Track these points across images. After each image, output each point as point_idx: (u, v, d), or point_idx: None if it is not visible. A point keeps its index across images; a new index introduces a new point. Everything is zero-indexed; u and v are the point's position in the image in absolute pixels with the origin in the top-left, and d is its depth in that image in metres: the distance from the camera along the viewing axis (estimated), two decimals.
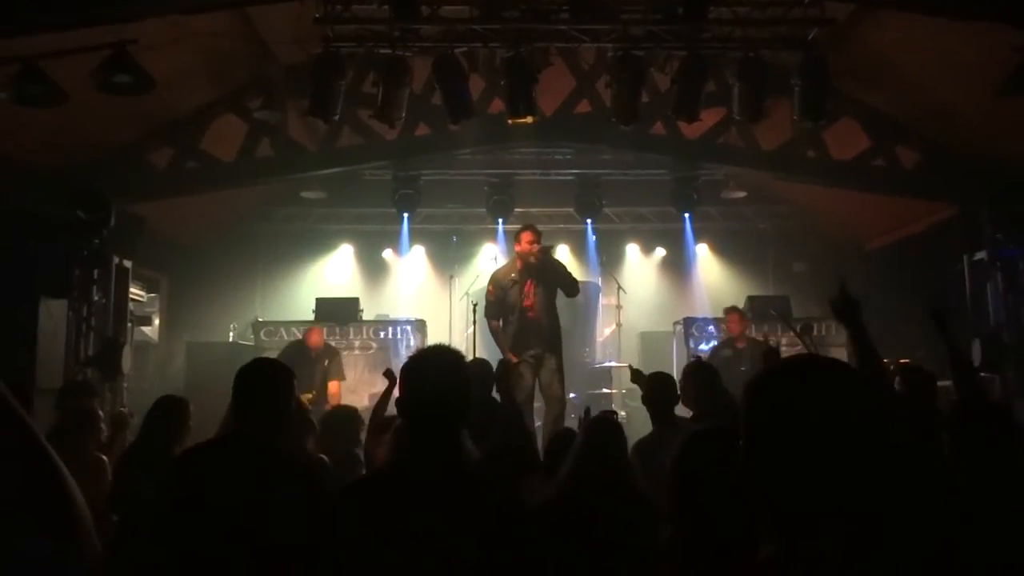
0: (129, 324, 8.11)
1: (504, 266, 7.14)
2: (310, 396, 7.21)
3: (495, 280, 6.69)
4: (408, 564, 1.82)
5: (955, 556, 1.60)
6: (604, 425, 3.15)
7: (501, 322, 6.60)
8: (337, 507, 2.01)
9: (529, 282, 6.55)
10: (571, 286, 6.59)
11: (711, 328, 9.66)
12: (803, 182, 9.39)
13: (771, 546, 1.14)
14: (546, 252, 6.59)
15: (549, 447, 3.82)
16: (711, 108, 7.48)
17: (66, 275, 6.84)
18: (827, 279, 10.37)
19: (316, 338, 8.19)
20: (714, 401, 4.21)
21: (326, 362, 8.01)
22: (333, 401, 7.50)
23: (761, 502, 1.16)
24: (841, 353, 8.98)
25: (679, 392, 4.31)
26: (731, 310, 8.48)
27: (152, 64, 5.77)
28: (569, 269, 6.81)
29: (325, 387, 7.82)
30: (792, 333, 7.16)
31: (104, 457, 3.96)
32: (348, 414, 4.53)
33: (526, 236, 6.57)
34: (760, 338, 8.13)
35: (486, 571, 1.82)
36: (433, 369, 2.07)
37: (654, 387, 4.27)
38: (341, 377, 8.07)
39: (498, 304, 6.59)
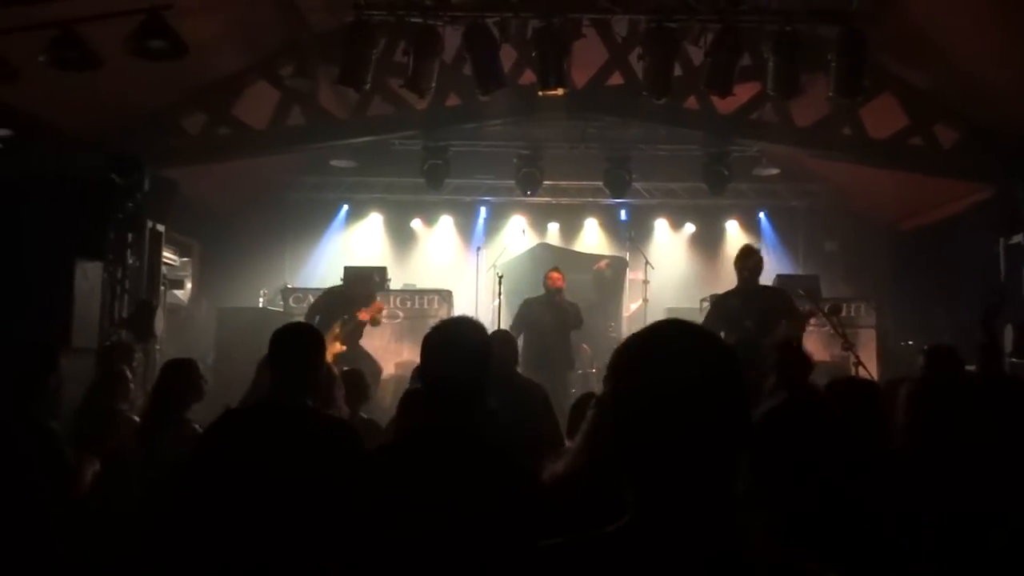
0: (162, 288, 8.25)
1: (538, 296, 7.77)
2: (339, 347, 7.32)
3: (528, 303, 7.64)
4: (419, 532, 1.85)
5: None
6: None
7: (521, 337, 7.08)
8: (360, 471, 2.06)
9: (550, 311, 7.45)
10: (579, 322, 7.65)
11: None
12: (838, 160, 9.22)
13: (628, 515, 1.13)
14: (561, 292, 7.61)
15: (573, 413, 3.86)
16: (745, 83, 7.37)
17: (101, 238, 6.96)
18: (859, 259, 10.34)
19: (370, 312, 8.02)
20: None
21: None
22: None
23: (623, 468, 1.14)
24: (870, 335, 8.91)
25: None
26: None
27: (186, 30, 5.80)
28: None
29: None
30: (821, 313, 7.08)
31: (135, 417, 4.07)
32: (357, 376, 4.52)
33: (557, 276, 7.66)
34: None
35: (496, 542, 1.85)
36: (453, 341, 2.10)
37: None
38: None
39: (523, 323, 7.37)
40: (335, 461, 2.48)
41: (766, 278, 10.19)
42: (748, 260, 6.24)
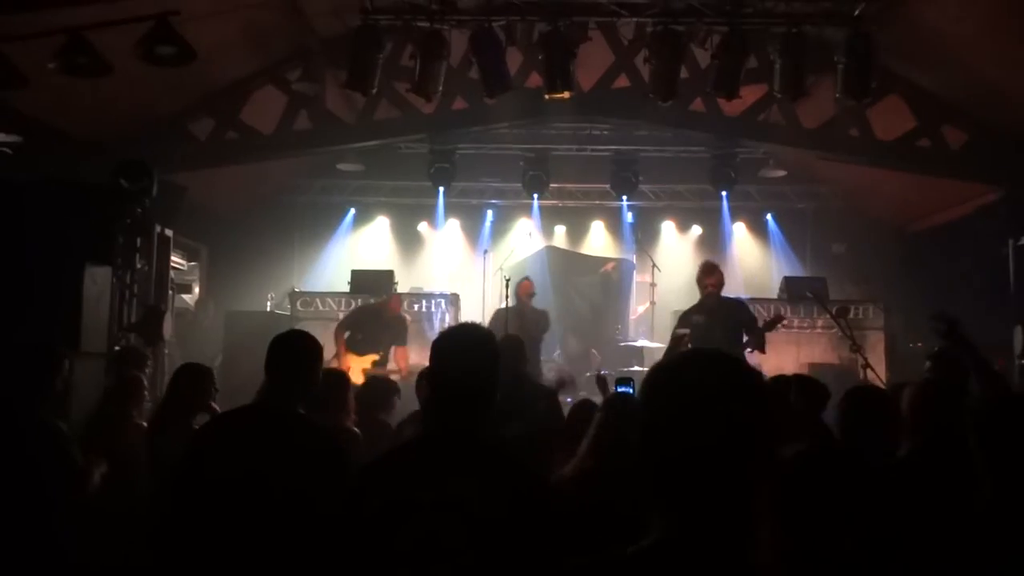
0: (170, 292, 8.28)
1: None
2: (375, 358, 7.37)
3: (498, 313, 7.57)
4: (426, 537, 1.86)
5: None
6: (623, 400, 3.17)
7: None
8: (360, 478, 2.07)
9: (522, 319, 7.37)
10: (545, 328, 7.67)
11: None
12: (845, 161, 9.20)
13: (655, 534, 1.16)
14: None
15: (570, 419, 3.88)
16: (752, 85, 7.37)
17: (110, 243, 6.98)
18: (867, 261, 10.30)
19: (396, 304, 8.08)
20: None
21: (396, 328, 7.83)
22: (401, 364, 7.49)
23: (650, 487, 1.19)
24: (878, 336, 8.87)
25: None
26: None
27: (193, 35, 5.83)
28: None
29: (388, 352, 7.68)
30: (829, 315, 7.06)
31: (144, 423, 4.09)
32: (382, 383, 4.59)
33: (527, 285, 7.70)
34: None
35: (505, 545, 1.85)
36: (461, 347, 2.11)
37: None
38: (403, 343, 7.85)
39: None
40: (312, 468, 2.50)
41: (773, 280, 10.23)
42: (712, 276, 6.29)
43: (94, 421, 4.11)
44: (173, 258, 8.50)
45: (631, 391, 4.12)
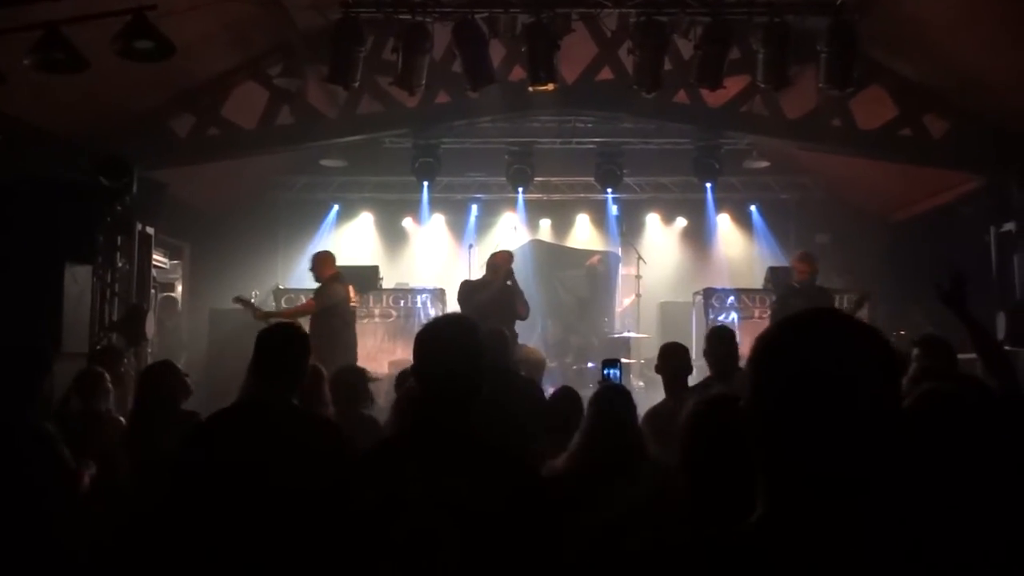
0: (152, 290, 8.20)
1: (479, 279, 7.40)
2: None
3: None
4: (417, 532, 1.84)
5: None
6: (614, 394, 3.16)
7: None
8: (350, 472, 2.05)
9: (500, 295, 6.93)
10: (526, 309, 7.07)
11: (731, 299, 9.61)
12: (828, 152, 9.24)
13: (762, 509, 1.08)
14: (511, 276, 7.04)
15: (552, 407, 3.87)
16: (735, 75, 7.37)
17: (90, 241, 6.91)
18: (851, 250, 10.35)
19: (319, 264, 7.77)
20: (734, 364, 4.33)
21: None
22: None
23: (759, 462, 1.09)
24: None
25: (705, 354, 4.48)
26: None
27: (172, 30, 5.76)
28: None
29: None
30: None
31: (120, 418, 4.03)
32: (356, 373, 4.49)
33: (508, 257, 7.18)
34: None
35: (497, 540, 1.84)
36: (444, 339, 2.09)
37: (667, 358, 4.35)
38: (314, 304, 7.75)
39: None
40: (320, 460, 2.49)
41: (758, 271, 10.26)
42: (813, 264, 7.04)
43: (61, 418, 4.04)
44: (155, 256, 8.43)
45: (618, 373, 4.13)
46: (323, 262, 7.63)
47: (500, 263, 7.07)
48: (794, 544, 1.04)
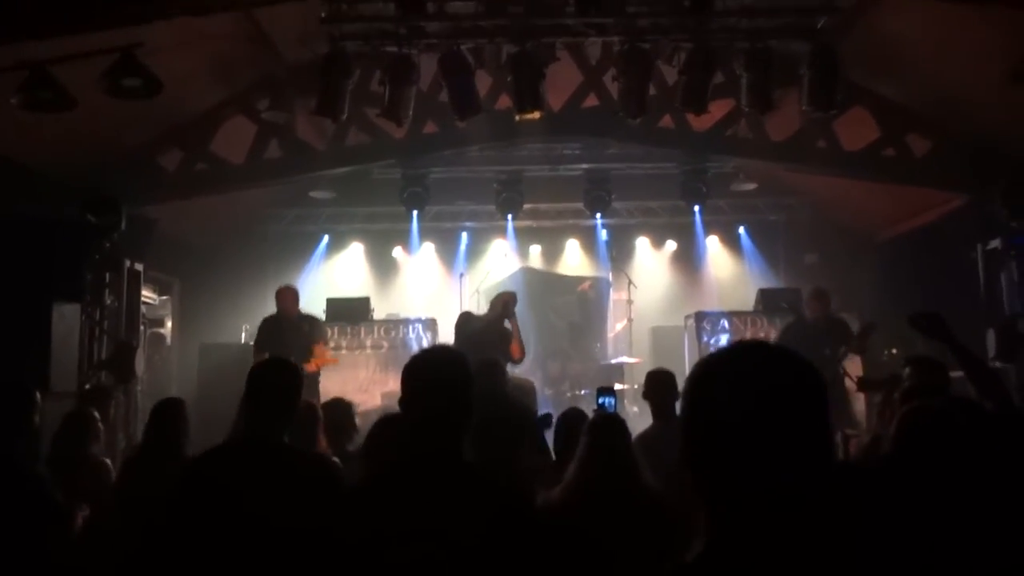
0: (142, 327, 8.15)
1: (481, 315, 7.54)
2: (308, 364, 7.13)
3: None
4: (410, 565, 1.81)
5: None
6: (608, 423, 3.14)
7: None
8: (342, 506, 2.03)
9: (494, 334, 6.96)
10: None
11: (723, 322, 9.63)
12: (813, 173, 9.33)
13: (704, 539, 1.10)
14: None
15: (559, 428, 3.87)
16: (719, 100, 7.44)
17: (78, 279, 6.87)
18: (839, 270, 10.40)
19: (285, 302, 7.73)
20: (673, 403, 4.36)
21: (306, 328, 7.71)
22: (320, 363, 7.39)
23: (699, 490, 1.12)
24: None
25: (644, 396, 4.56)
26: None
27: (159, 67, 5.79)
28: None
29: (310, 353, 7.41)
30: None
31: (107, 460, 3.98)
32: (342, 409, 4.45)
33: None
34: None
35: (491, 571, 1.81)
36: (433, 370, 2.08)
37: (653, 385, 4.39)
38: (324, 340, 7.86)
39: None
40: (315, 499, 2.45)
41: (748, 293, 10.30)
42: (824, 300, 7.27)
43: (54, 461, 3.99)
44: (144, 292, 8.38)
45: (613, 401, 4.12)
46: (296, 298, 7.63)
47: (501, 303, 7.16)
48: (739, 570, 1.05)
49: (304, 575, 2.29)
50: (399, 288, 11.80)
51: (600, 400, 4.12)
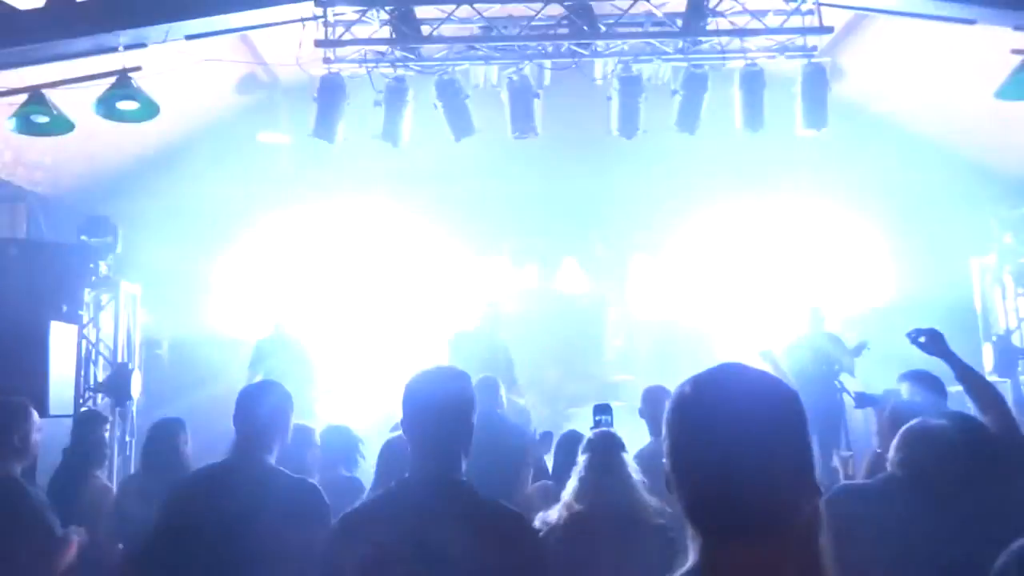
0: (139, 348, 8.13)
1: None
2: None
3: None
4: None
5: None
6: (605, 441, 3.15)
7: None
8: (342, 526, 2.02)
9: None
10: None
11: None
12: None
13: (692, 560, 1.10)
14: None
15: (558, 450, 3.87)
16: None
17: (75, 301, 6.88)
18: None
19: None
20: None
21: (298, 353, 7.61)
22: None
23: (684, 513, 1.11)
24: None
25: (640, 413, 4.59)
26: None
27: (155, 90, 5.82)
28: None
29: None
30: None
31: (109, 484, 3.97)
32: (346, 436, 4.43)
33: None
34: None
35: None
36: (434, 391, 2.07)
37: (649, 401, 4.41)
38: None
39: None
40: (297, 522, 2.44)
41: None
42: (818, 315, 7.39)
43: (56, 483, 3.98)
44: (141, 313, 8.36)
45: (610, 419, 4.11)
46: None
47: (491, 313, 7.17)
48: None
49: None
50: None
51: (596, 419, 4.12)
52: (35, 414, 3.32)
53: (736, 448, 1.05)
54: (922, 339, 3.28)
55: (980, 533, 2.04)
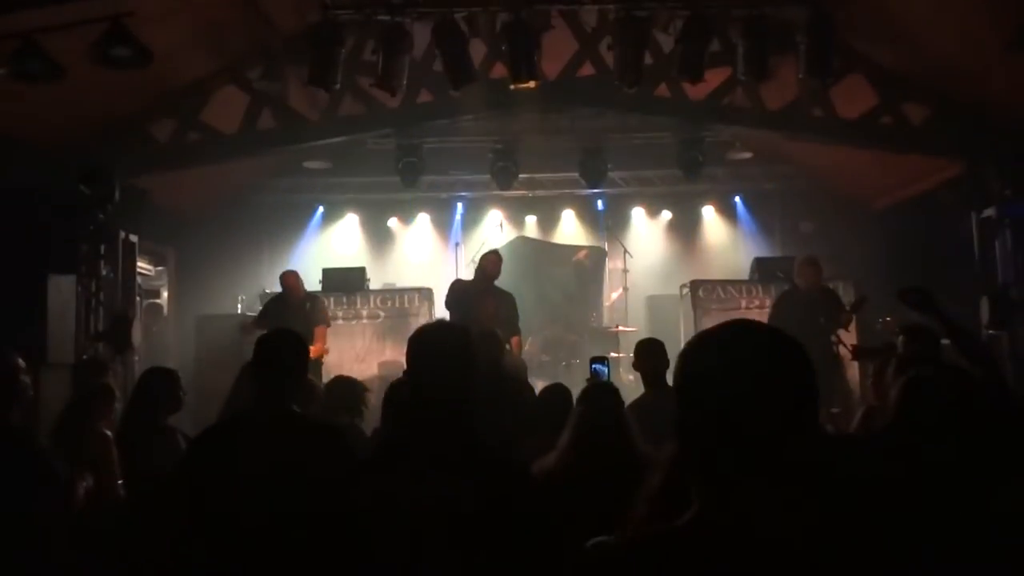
0: (138, 298, 8.15)
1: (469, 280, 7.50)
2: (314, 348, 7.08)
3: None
4: (411, 536, 1.85)
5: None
6: (601, 391, 3.18)
7: None
8: (350, 479, 2.06)
9: (490, 299, 6.96)
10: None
11: (718, 291, 9.65)
12: (810, 141, 9.29)
13: (696, 507, 1.15)
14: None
15: (544, 402, 3.91)
16: (716, 68, 7.38)
17: (73, 251, 6.86)
18: (835, 239, 10.42)
19: (293, 281, 7.84)
20: (663, 372, 4.46)
21: (307, 306, 7.74)
22: (318, 347, 7.36)
23: (690, 462, 1.17)
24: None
25: (634, 367, 4.64)
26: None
27: (150, 36, 5.72)
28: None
29: (311, 334, 7.33)
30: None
31: (108, 432, 4.00)
32: (350, 385, 4.50)
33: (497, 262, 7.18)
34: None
35: (491, 543, 1.85)
36: (437, 344, 2.10)
37: (642, 354, 4.44)
38: (326, 323, 7.82)
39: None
40: (330, 466, 2.48)
41: (744, 262, 10.32)
42: (816, 268, 7.18)
43: (58, 431, 4.01)
44: (140, 263, 8.37)
45: (606, 369, 4.15)
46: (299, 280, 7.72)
47: (488, 267, 7.12)
48: (726, 538, 1.09)
49: (310, 544, 2.33)
50: (395, 258, 11.80)
51: (593, 368, 4.15)
52: (20, 361, 3.23)
53: (743, 390, 1.11)
54: (912, 296, 3.29)
55: (978, 489, 2.07)
